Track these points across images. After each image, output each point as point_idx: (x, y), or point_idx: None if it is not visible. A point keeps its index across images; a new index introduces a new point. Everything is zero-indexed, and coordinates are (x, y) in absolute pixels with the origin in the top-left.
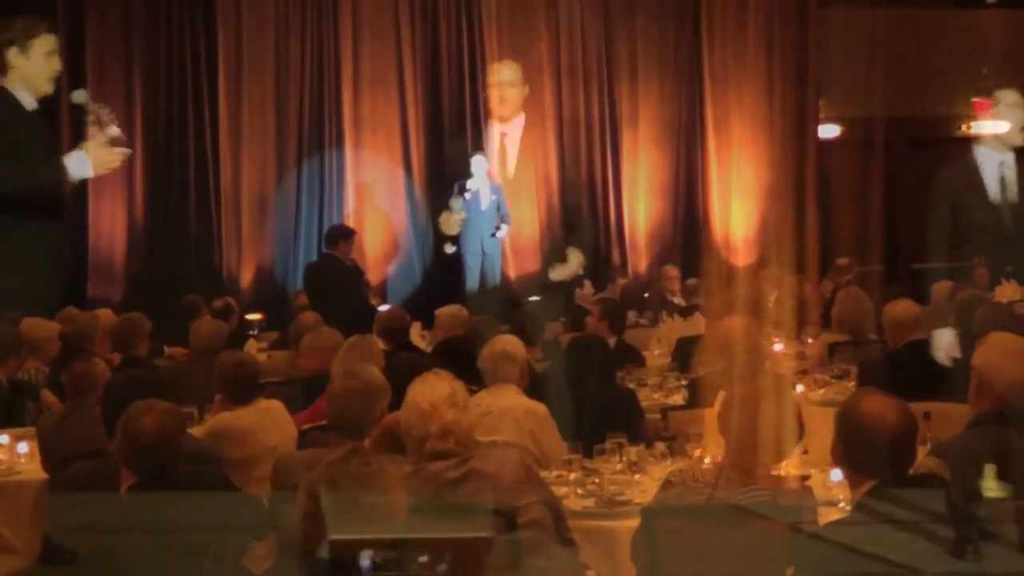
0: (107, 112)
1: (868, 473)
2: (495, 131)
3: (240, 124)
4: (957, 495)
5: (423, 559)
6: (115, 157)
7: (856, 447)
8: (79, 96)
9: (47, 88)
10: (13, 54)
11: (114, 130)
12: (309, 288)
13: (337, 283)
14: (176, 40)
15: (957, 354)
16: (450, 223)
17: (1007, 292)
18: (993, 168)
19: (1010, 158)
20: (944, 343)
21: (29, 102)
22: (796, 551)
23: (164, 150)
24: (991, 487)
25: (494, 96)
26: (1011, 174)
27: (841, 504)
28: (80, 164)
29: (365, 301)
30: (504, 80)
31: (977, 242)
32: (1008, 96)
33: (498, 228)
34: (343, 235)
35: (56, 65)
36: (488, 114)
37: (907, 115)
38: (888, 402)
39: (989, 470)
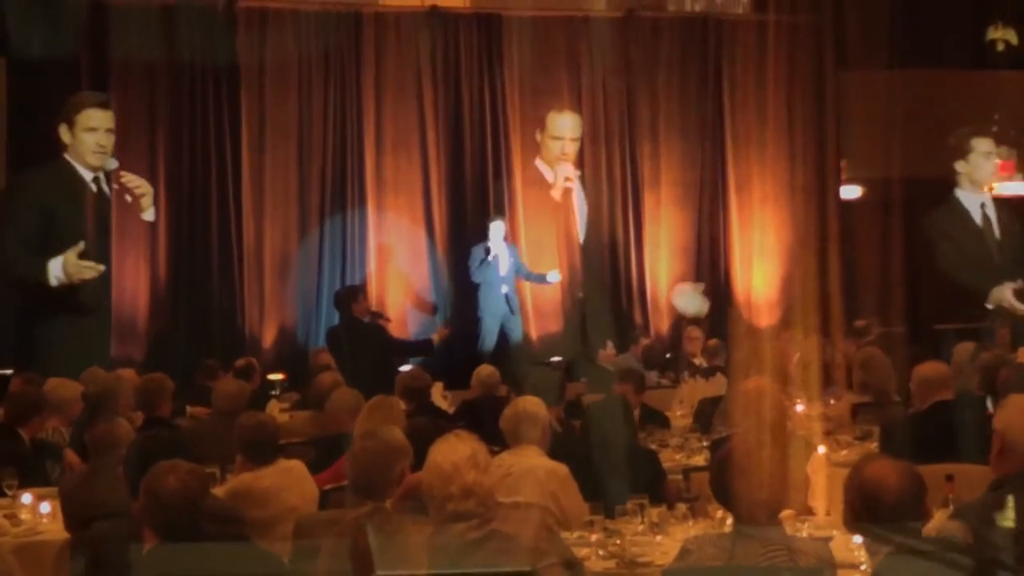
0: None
1: (880, 538)
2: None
3: (263, 185)
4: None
5: None
6: (85, 271)
7: (863, 513)
8: (109, 164)
9: (94, 161)
10: (63, 131)
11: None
12: (332, 351)
13: (355, 343)
14: (200, 102)
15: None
16: None
17: None
18: (976, 208)
19: (988, 198)
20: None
21: (88, 175)
22: None
23: (187, 210)
24: (1007, 516)
25: (556, 147)
26: (992, 214)
27: (863, 567)
28: (56, 270)
29: (385, 358)
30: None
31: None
32: (982, 143)
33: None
34: (350, 296)
35: (102, 139)
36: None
37: (928, 176)
38: (891, 466)
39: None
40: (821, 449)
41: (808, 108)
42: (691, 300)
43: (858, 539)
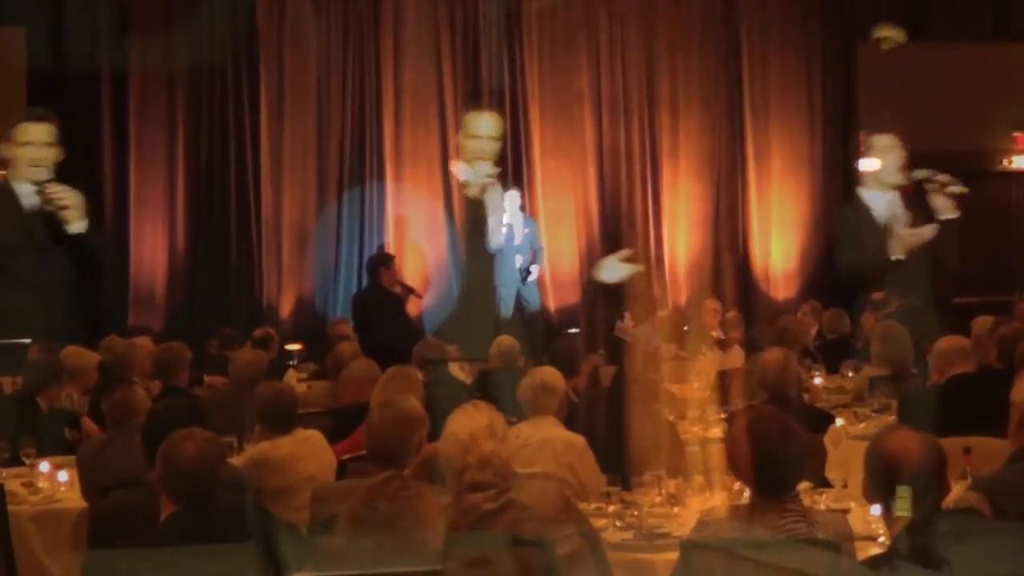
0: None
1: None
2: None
3: (282, 155)
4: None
5: None
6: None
7: (883, 484)
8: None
9: (30, 176)
10: (4, 147)
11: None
12: (356, 317)
13: (382, 312)
14: (219, 72)
15: None
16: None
17: None
18: (881, 207)
19: (896, 195)
20: None
21: (28, 193)
22: None
23: (206, 180)
24: (902, 506)
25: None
26: (899, 210)
27: (881, 539)
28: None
29: (410, 328)
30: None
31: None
32: (882, 140)
33: (528, 272)
34: (382, 263)
35: (37, 154)
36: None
37: (947, 149)
38: (912, 437)
39: (901, 491)
40: (839, 421)
41: (829, 80)
42: (611, 269)
43: (876, 511)
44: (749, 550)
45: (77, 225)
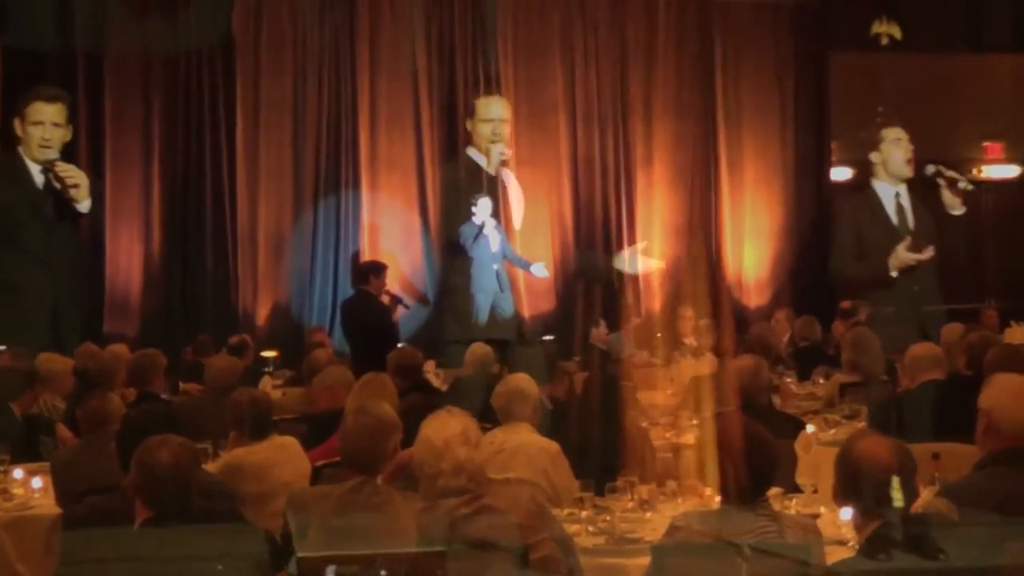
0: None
1: (869, 513)
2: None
3: (257, 163)
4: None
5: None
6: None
7: (853, 487)
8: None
9: (38, 155)
10: (16, 124)
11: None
12: (344, 324)
13: (369, 320)
14: (195, 81)
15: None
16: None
17: (1017, 335)
18: (890, 199)
19: (903, 188)
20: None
21: (36, 171)
22: None
23: (181, 188)
24: (896, 496)
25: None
26: (907, 203)
27: (851, 543)
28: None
29: (396, 337)
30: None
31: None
32: (892, 132)
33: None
34: (373, 271)
35: (47, 133)
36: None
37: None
38: (882, 443)
39: (895, 482)
40: (809, 428)
41: (800, 90)
42: (632, 261)
43: (846, 515)
44: (720, 555)
45: (84, 204)
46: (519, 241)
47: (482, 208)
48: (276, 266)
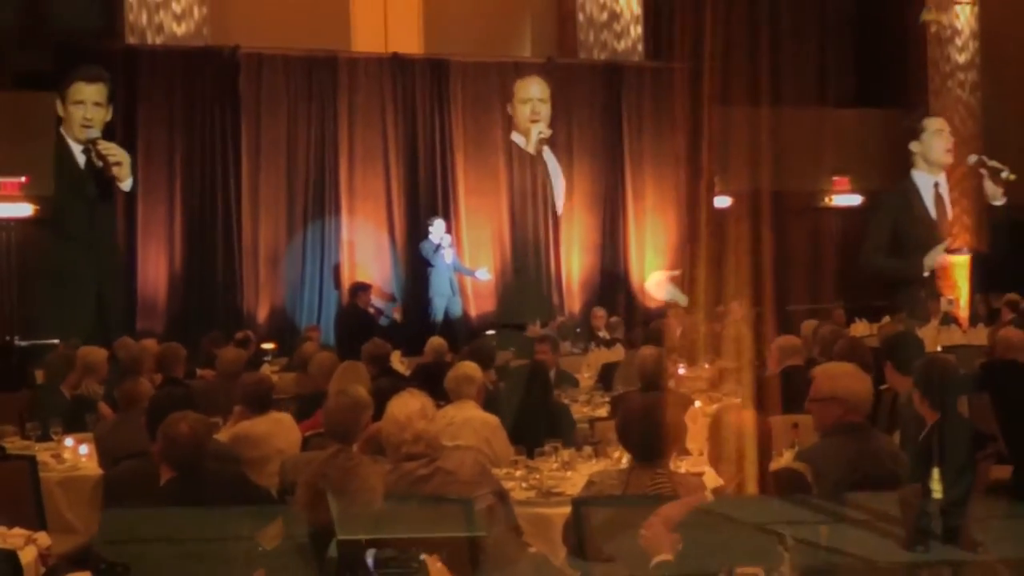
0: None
1: (732, 471)
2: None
3: (258, 193)
4: (912, 495)
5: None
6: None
7: (723, 450)
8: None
9: (79, 134)
10: (58, 105)
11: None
12: (336, 328)
13: (355, 327)
14: (208, 127)
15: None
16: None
17: (860, 329)
18: (929, 189)
19: (943, 178)
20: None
21: (77, 149)
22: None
23: (198, 213)
24: (936, 488)
25: (525, 111)
26: (945, 194)
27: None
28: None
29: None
30: (534, 96)
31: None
32: (933, 123)
33: (472, 273)
34: (361, 288)
35: (88, 113)
36: (455, 184)
37: (782, 190)
38: (744, 414)
39: (936, 474)
40: (697, 403)
41: (690, 135)
42: (659, 287)
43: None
44: (625, 505)
45: (126, 183)
46: (467, 258)
47: (436, 228)
48: (273, 275)
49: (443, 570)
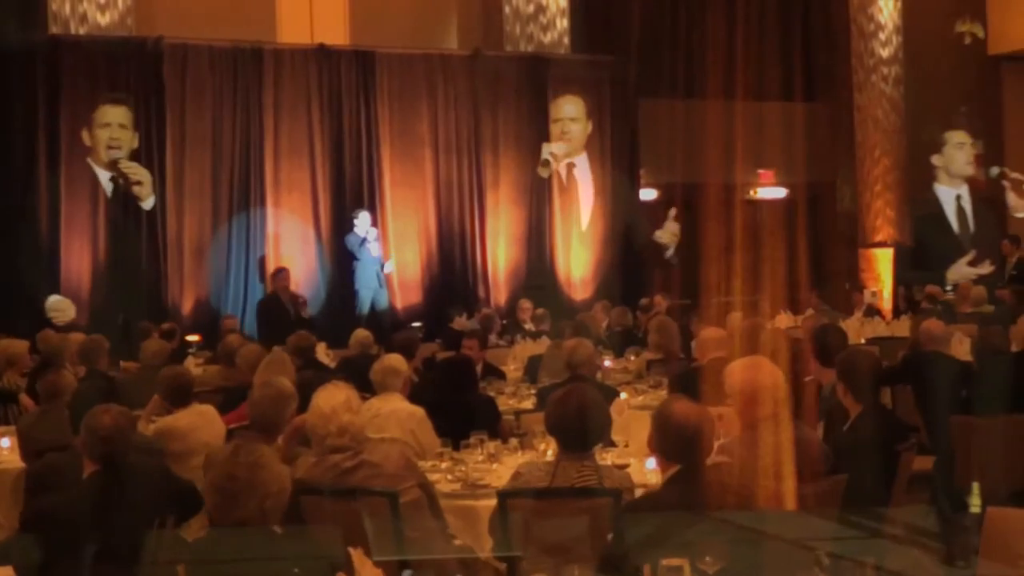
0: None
1: (675, 460)
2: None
3: (183, 185)
4: (946, 507)
5: None
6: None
7: (668, 439)
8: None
9: (105, 156)
10: (84, 134)
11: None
12: (259, 319)
13: (274, 316)
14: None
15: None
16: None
17: (784, 321)
18: (951, 203)
19: (965, 191)
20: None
21: (104, 176)
22: (616, 519)
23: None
24: (975, 503)
25: (556, 129)
26: (968, 207)
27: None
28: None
29: (298, 326)
30: (566, 116)
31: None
32: (955, 136)
33: (382, 266)
34: (275, 274)
35: (115, 134)
36: (380, 178)
37: (709, 182)
38: (694, 406)
39: (975, 488)
40: (623, 395)
41: (615, 128)
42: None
43: (651, 464)
44: (551, 497)
45: (148, 202)
46: (393, 250)
47: (362, 220)
48: (198, 268)
49: (368, 562)
